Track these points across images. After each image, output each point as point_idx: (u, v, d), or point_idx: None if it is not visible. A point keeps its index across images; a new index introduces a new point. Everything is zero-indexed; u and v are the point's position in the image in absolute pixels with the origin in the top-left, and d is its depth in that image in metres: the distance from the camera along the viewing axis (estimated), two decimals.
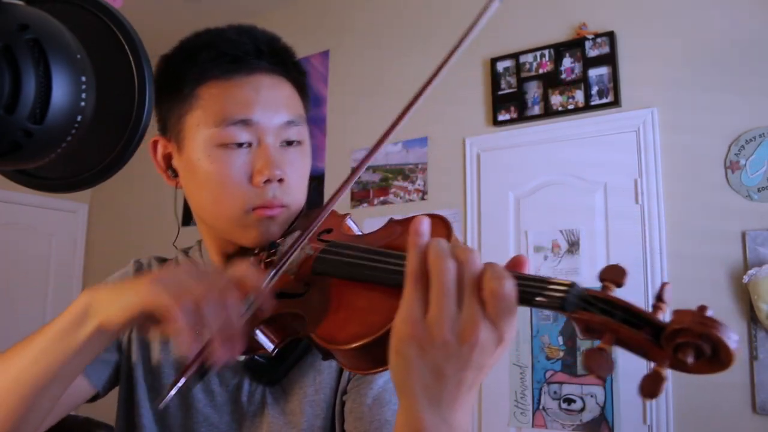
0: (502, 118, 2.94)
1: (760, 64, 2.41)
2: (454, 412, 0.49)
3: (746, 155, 2.37)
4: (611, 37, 2.70)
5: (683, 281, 2.34)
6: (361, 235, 0.75)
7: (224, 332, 0.53)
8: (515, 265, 0.49)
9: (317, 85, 3.57)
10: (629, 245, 2.54)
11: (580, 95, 2.76)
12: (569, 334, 2.63)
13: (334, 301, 0.61)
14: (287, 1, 3.79)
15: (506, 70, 2.97)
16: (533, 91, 2.89)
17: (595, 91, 2.73)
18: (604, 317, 0.43)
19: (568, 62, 2.81)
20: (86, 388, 0.80)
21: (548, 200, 2.79)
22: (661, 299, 0.44)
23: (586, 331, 0.45)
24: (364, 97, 3.40)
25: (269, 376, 0.76)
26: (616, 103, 2.67)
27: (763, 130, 2.36)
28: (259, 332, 0.66)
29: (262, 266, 0.76)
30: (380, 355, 0.52)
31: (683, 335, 0.40)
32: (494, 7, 0.59)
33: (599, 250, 2.63)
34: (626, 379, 2.47)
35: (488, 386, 2.73)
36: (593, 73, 2.74)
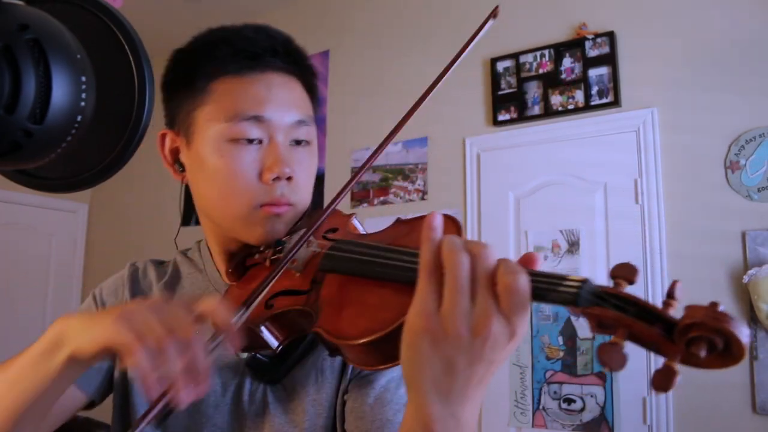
0: (502, 118, 2.94)
1: (760, 64, 2.41)
2: (462, 406, 0.49)
3: (746, 155, 2.37)
4: (611, 37, 2.71)
5: (683, 281, 2.30)
6: (367, 234, 0.75)
7: (188, 374, 0.52)
8: (527, 261, 0.49)
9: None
10: (629, 245, 2.54)
11: (580, 95, 2.76)
12: (569, 334, 2.63)
13: (342, 297, 0.62)
14: (287, 1, 3.79)
15: (506, 70, 2.97)
16: (533, 91, 2.89)
17: (595, 91, 2.73)
18: (617, 313, 0.44)
19: (568, 62, 2.81)
20: (79, 397, 0.80)
21: (548, 200, 2.79)
22: (672, 296, 0.45)
23: (598, 326, 0.46)
24: (364, 97, 3.40)
25: (271, 375, 0.76)
26: (616, 103, 2.67)
27: (763, 130, 2.36)
28: (264, 329, 0.66)
29: (267, 263, 0.76)
30: (389, 350, 0.53)
31: (696, 329, 0.41)
32: (489, 25, 0.60)
33: (599, 250, 2.63)
34: (626, 379, 2.47)
35: (488, 386, 2.71)
36: (593, 73, 2.74)
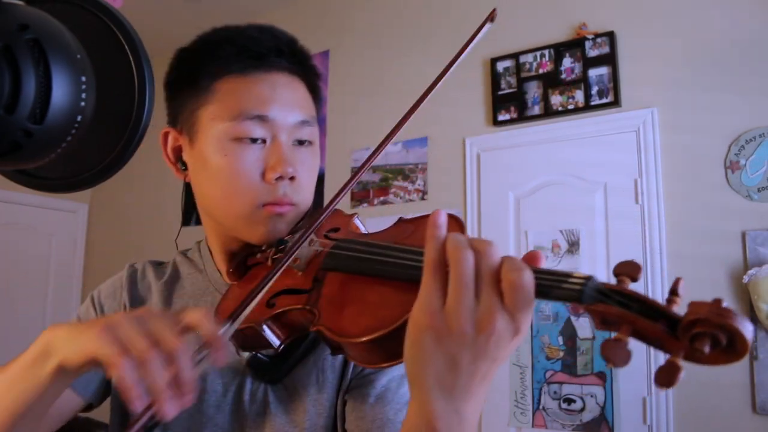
0: (502, 118, 2.94)
1: (760, 64, 2.41)
2: (466, 403, 0.50)
3: (746, 155, 2.37)
4: (611, 37, 2.71)
5: (683, 294, 2.34)
6: (369, 233, 0.75)
7: (172, 386, 0.51)
8: (531, 259, 0.50)
9: None
10: (629, 245, 2.54)
11: (580, 95, 2.76)
12: (569, 334, 2.63)
13: (345, 295, 0.62)
14: (287, 1, 3.79)
15: (506, 70, 2.97)
16: (533, 91, 2.89)
17: (595, 91, 2.73)
18: (621, 309, 0.44)
19: (568, 62, 2.81)
20: (76, 400, 0.80)
21: (548, 200, 2.79)
22: (675, 293, 0.45)
23: (602, 323, 0.46)
24: (364, 97, 3.40)
25: (272, 374, 0.76)
26: (616, 103, 2.67)
27: (763, 130, 2.36)
28: (266, 328, 0.66)
29: (268, 263, 0.76)
30: (392, 348, 0.53)
31: (700, 325, 0.41)
32: (486, 28, 0.60)
33: (599, 250, 2.63)
34: (626, 379, 2.47)
35: (487, 391, 2.73)
36: (593, 73, 2.74)
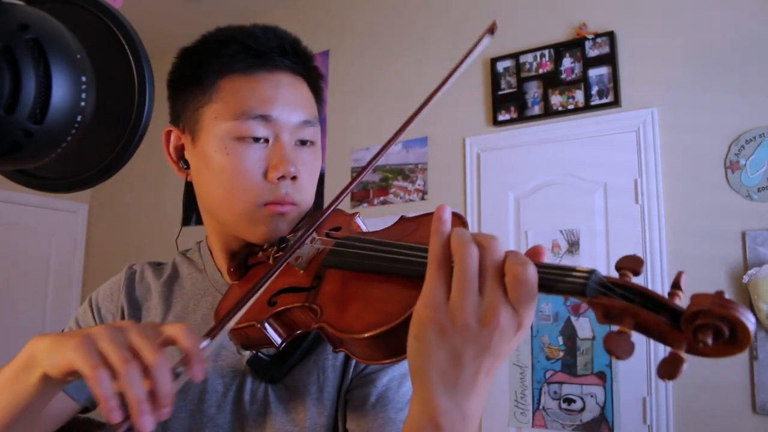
0: (502, 118, 2.94)
1: (760, 64, 2.41)
2: (468, 399, 0.50)
3: (746, 155, 2.37)
4: (611, 37, 2.70)
5: (685, 287, 2.34)
6: (370, 232, 0.75)
7: (150, 399, 0.50)
8: (534, 254, 0.50)
9: None
10: (629, 245, 2.54)
11: (580, 95, 2.76)
12: (569, 334, 2.63)
13: (347, 292, 0.62)
14: (287, 1, 3.79)
15: (506, 70, 2.97)
16: (533, 91, 2.89)
17: (595, 91, 2.73)
18: (624, 302, 0.45)
19: (568, 62, 2.81)
20: (70, 404, 0.79)
21: (548, 200, 2.79)
22: (677, 287, 0.46)
23: (605, 316, 0.46)
24: (364, 97, 3.40)
25: (272, 374, 0.76)
26: (616, 103, 2.67)
27: (763, 130, 2.36)
28: (267, 326, 0.66)
29: (270, 262, 0.76)
30: (395, 344, 0.54)
31: (703, 317, 0.41)
32: (485, 41, 0.60)
33: (599, 250, 2.63)
34: (626, 379, 2.47)
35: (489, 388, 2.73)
36: (593, 73, 2.73)
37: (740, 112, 2.41)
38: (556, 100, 2.81)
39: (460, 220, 0.59)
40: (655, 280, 2.47)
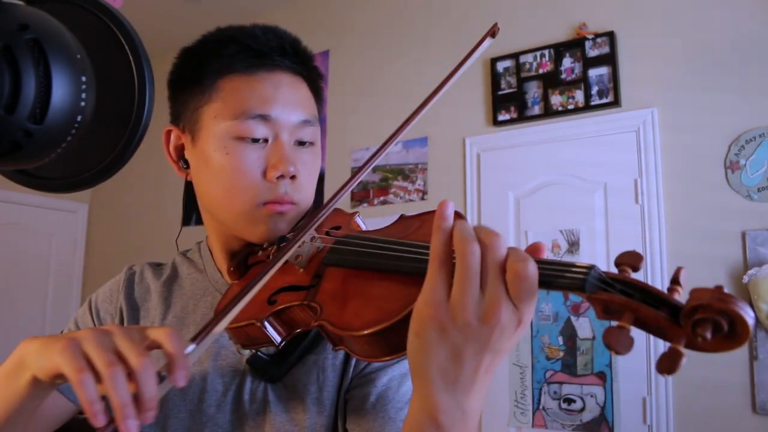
0: (502, 118, 2.94)
1: (760, 64, 2.41)
2: (468, 396, 0.50)
3: (746, 155, 2.37)
4: (611, 37, 2.70)
5: (684, 283, 2.34)
6: (370, 230, 0.75)
7: (134, 403, 0.50)
8: (534, 251, 0.50)
9: None
10: (629, 245, 2.54)
11: (580, 95, 2.76)
12: (569, 334, 2.63)
13: (347, 290, 0.62)
14: (287, 1, 3.79)
15: (506, 70, 2.97)
16: (533, 91, 2.89)
17: (595, 91, 2.73)
18: (624, 298, 0.45)
19: (568, 62, 2.81)
20: (67, 405, 0.79)
21: (548, 200, 2.79)
22: (677, 282, 0.46)
23: (604, 312, 0.46)
24: (364, 97, 3.40)
25: (272, 373, 0.76)
26: (616, 103, 2.67)
27: (763, 130, 2.36)
28: (267, 324, 0.66)
29: (270, 260, 0.76)
30: (394, 342, 0.54)
31: (702, 311, 0.41)
32: (486, 44, 0.59)
33: (599, 250, 2.63)
34: (626, 379, 2.47)
35: (488, 386, 2.73)
36: (593, 73, 2.73)
37: (740, 112, 2.41)
38: (556, 100, 2.81)
39: (459, 217, 0.59)
40: (655, 280, 2.47)
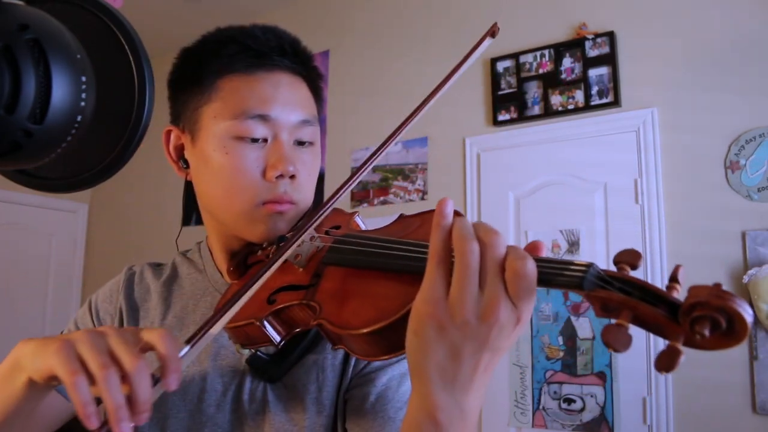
0: (502, 118, 2.94)
1: (760, 64, 2.41)
2: (467, 395, 0.50)
3: (746, 155, 2.37)
4: (611, 37, 2.70)
5: (683, 281, 2.34)
6: (370, 230, 0.75)
7: (127, 408, 0.49)
8: (533, 249, 0.50)
9: None
10: (629, 245, 2.52)
11: (580, 95, 2.76)
12: (569, 334, 2.63)
13: (346, 289, 0.62)
14: (287, 1, 3.79)
15: (506, 70, 2.97)
16: (533, 91, 2.89)
17: (595, 91, 2.73)
18: (622, 296, 0.45)
19: (568, 62, 2.81)
20: (65, 406, 0.79)
21: (548, 200, 2.79)
22: (675, 280, 0.45)
23: (602, 310, 0.46)
24: (364, 97, 3.40)
25: (271, 372, 0.76)
26: (616, 103, 2.67)
27: (763, 130, 2.36)
28: (266, 324, 0.66)
29: (269, 260, 0.76)
30: (393, 340, 0.54)
31: (700, 308, 0.41)
32: (486, 44, 0.59)
33: (599, 250, 2.63)
34: (626, 379, 2.47)
35: (488, 386, 2.72)
36: (593, 73, 2.73)
37: (740, 112, 2.40)
38: (556, 100, 2.81)
39: (458, 215, 0.59)
40: (655, 280, 2.47)
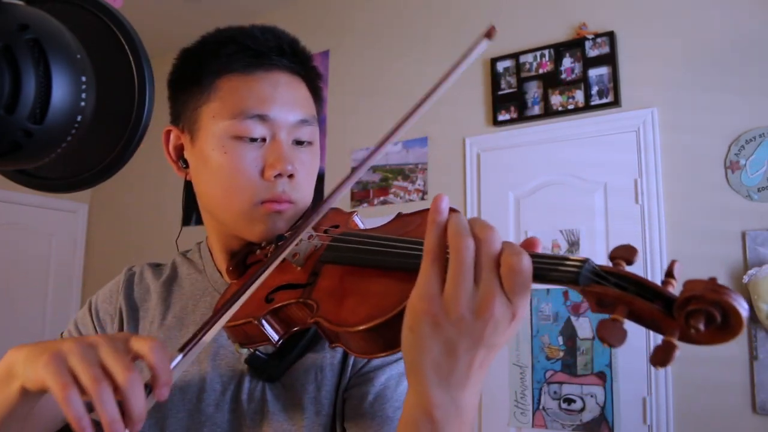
0: (502, 118, 2.94)
1: (760, 64, 2.41)
2: (463, 392, 0.50)
3: (746, 155, 2.37)
4: (611, 37, 2.70)
5: (679, 276, 2.34)
6: (368, 228, 0.76)
7: (122, 421, 0.49)
8: (529, 245, 0.50)
9: None
10: None
11: (580, 95, 2.76)
12: (569, 334, 2.63)
13: (344, 287, 0.62)
14: (287, 1, 3.79)
15: (506, 70, 2.97)
16: (533, 91, 2.89)
17: (595, 91, 2.73)
18: (618, 291, 0.45)
19: (568, 62, 2.81)
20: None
21: (548, 200, 2.79)
22: (671, 275, 0.46)
23: (598, 305, 0.46)
24: (364, 97, 3.40)
25: (270, 372, 0.76)
26: (616, 103, 2.67)
27: (763, 130, 2.36)
28: (264, 322, 0.66)
29: (266, 259, 0.76)
30: (390, 337, 0.53)
31: (695, 302, 0.41)
32: (483, 46, 0.59)
33: (599, 250, 2.63)
34: (626, 379, 2.47)
35: (488, 386, 2.73)
36: (593, 73, 2.73)
37: (740, 112, 2.41)
38: (556, 100, 2.81)
39: (453, 212, 0.59)
40: (655, 280, 2.46)
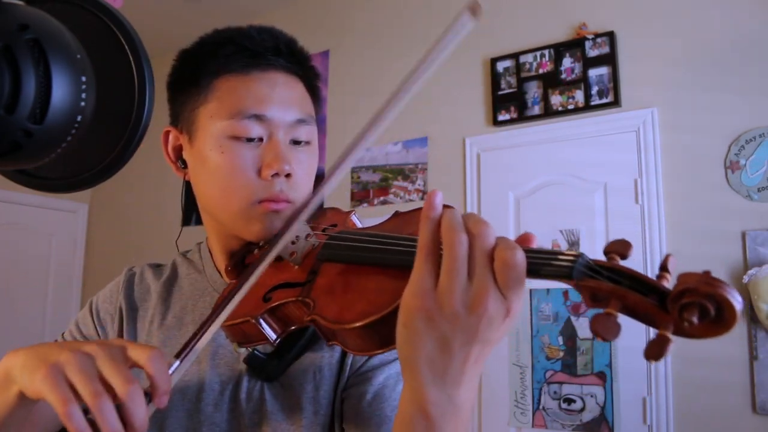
0: (502, 118, 2.94)
1: (760, 64, 2.41)
2: (458, 388, 0.49)
3: (746, 155, 2.37)
4: (611, 37, 2.70)
5: (673, 271, 2.34)
6: (366, 227, 0.76)
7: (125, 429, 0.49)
8: (524, 240, 0.50)
9: None
10: None
11: (580, 95, 2.76)
12: (569, 334, 2.63)
13: (341, 285, 0.62)
14: (287, 1, 3.79)
15: (506, 70, 2.97)
16: (533, 91, 2.89)
17: (595, 91, 2.73)
18: (612, 285, 0.45)
19: (568, 62, 2.81)
20: None
21: (548, 200, 2.79)
22: (665, 269, 0.46)
23: (592, 300, 0.46)
24: (364, 97, 3.40)
25: (268, 371, 0.76)
26: (616, 103, 2.67)
27: (763, 130, 2.36)
28: (262, 321, 0.66)
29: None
30: (386, 334, 0.53)
31: (689, 295, 0.41)
32: (468, 26, 0.56)
33: (599, 250, 2.60)
34: (626, 379, 2.47)
35: (488, 386, 2.73)
36: (593, 73, 2.73)
37: (740, 112, 2.41)
38: (556, 100, 2.81)
39: (447, 208, 0.59)
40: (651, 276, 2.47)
